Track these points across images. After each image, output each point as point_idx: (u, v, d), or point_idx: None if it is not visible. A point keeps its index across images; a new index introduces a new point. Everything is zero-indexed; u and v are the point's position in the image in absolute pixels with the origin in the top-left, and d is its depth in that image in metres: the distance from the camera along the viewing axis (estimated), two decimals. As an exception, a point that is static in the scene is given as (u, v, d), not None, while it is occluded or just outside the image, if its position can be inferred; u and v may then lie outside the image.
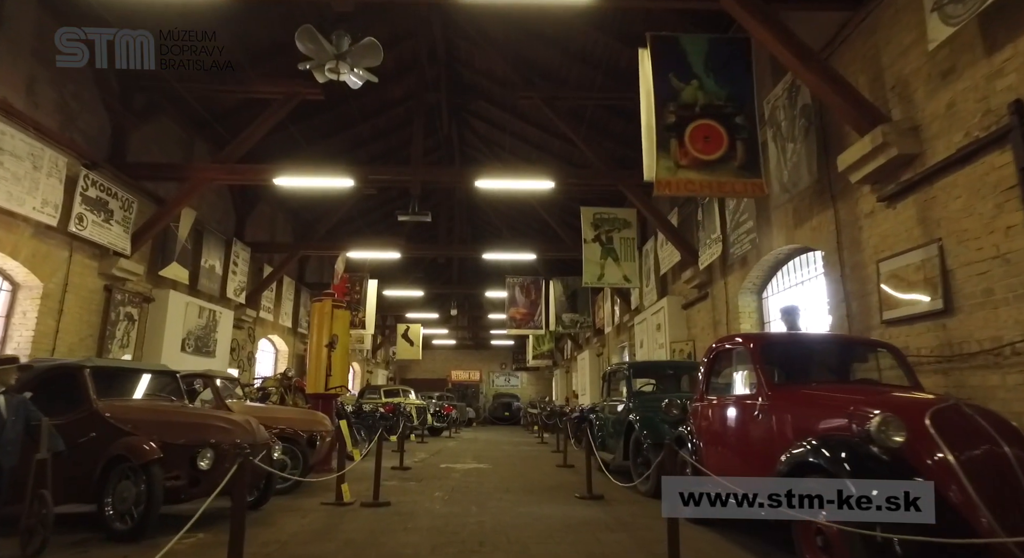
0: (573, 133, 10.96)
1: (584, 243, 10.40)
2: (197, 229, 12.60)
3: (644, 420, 6.95)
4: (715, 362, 4.97)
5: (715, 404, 4.79)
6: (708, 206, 9.41)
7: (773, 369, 4.07)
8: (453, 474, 8.86)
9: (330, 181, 10.48)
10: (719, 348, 4.90)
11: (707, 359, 5.07)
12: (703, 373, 5.12)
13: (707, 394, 4.99)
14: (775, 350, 4.32)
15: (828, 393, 3.74)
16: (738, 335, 4.78)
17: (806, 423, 3.49)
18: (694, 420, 5.25)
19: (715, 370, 4.98)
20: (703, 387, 5.07)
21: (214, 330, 12.85)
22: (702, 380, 5.10)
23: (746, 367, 4.32)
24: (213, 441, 4.68)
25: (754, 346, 4.24)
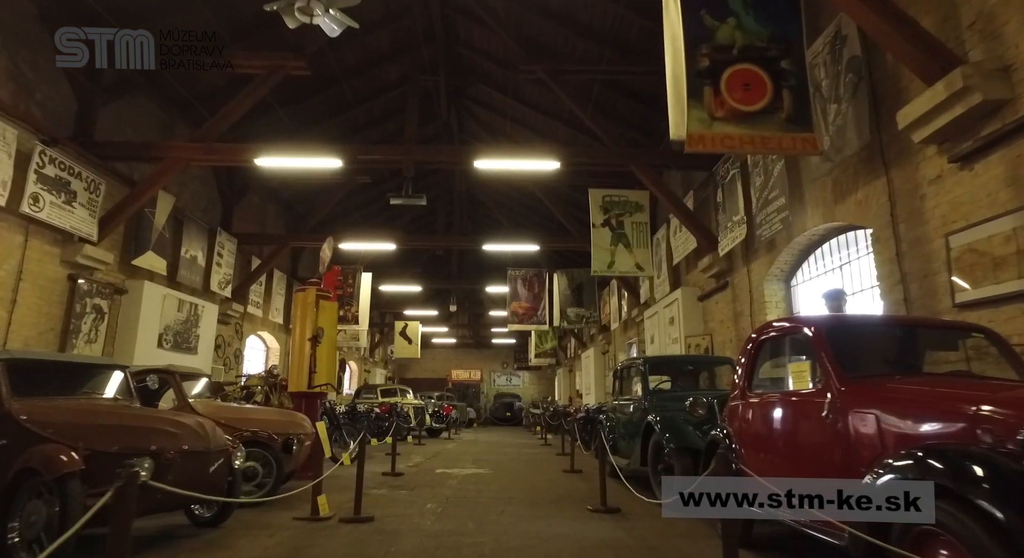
0: (580, 109, 10.12)
1: (592, 228, 9.56)
2: (177, 217, 11.79)
3: (665, 421, 6.12)
4: (759, 352, 4.14)
5: (761, 402, 3.96)
6: (730, 185, 8.58)
7: (844, 358, 3.24)
8: (449, 481, 8.04)
9: (317, 162, 9.66)
10: (765, 335, 4.08)
11: (749, 349, 4.24)
12: (743, 366, 4.28)
13: (749, 391, 4.15)
14: (846, 335, 3.49)
15: (930, 388, 2.91)
16: (793, 318, 3.93)
17: (902, 426, 2.66)
18: (731, 421, 4.41)
19: (760, 362, 4.14)
20: (743, 382, 4.23)
21: (196, 325, 12.03)
22: (742, 374, 4.27)
23: (805, 357, 3.49)
24: (154, 448, 3.86)
25: (817, 331, 3.41)
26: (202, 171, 13.29)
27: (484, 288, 21.33)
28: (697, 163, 9.96)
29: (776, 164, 7.00)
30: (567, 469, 9.34)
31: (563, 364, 28.83)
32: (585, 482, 8.08)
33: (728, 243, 8.70)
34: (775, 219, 7.09)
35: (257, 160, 9.49)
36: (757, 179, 7.58)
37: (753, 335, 4.34)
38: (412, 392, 19.92)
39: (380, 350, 30.37)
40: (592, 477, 8.63)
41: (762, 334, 4.15)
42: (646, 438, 6.47)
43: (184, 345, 11.62)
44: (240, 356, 15.08)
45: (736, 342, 9.05)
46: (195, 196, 13.00)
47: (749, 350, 4.23)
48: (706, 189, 10.28)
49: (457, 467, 9.83)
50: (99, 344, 9.30)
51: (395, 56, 13.65)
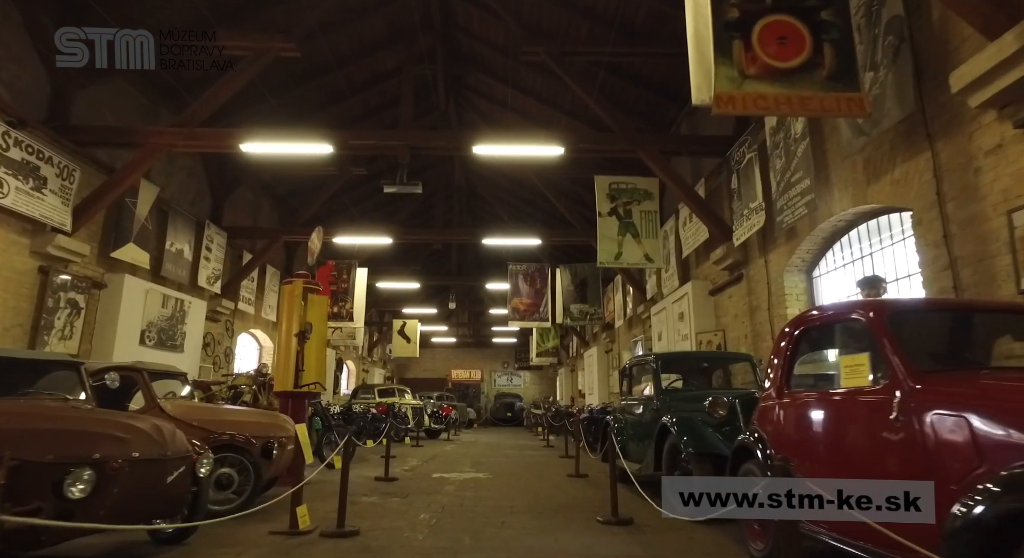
0: (585, 93, 9.57)
1: (599, 217, 9.00)
2: (161, 209, 11.26)
3: (683, 422, 5.57)
4: (799, 345, 3.59)
5: (802, 403, 3.41)
6: (746, 170, 8.02)
7: (913, 349, 2.68)
8: (446, 487, 7.48)
9: (307, 147, 9.11)
10: (807, 324, 3.53)
11: (785, 341, 3.69)
12: (779, 360, 3.73)
13: (787, 389, 3.60)
14: (914, 321, 2.94)
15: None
16: (844, 304, 3.37)
17: (1011, 436, 2.10)
18: (763, 424, 3.86)
19: (800, 356, 3.59)
20: (779, 380, 3.68)
21: (182, 322, 11.49)
22: (777, 371, 3.72)
23: (863, 347, 2.93)
24: (97, 456, 3.31)
25: (877, 316, 2.86)
26: (190, 162, 12.77)
27: (484, 285, 20.77)
28: (709, 149, 9.42)
29: (800, 144, 6.45)
30: (572, 473, 8.79)
31: (565, 364, 28.28)
32: (592, 488, 7.53)
33: (744, 232, 8.14)
34: (798, 204, 6.53)
35: (243, 146, 8.94)
36: (777, 161, 7.03)
37: (787, 328, 3.79)
38: (411, 392, 19.39)
39: (378, 349, 29.83)
40: (599, 482, 8.09)
41: (803, 323, 3.60)
42: (660, 441, 5.92)
43: (169, 343, 11.08)
44: (231, 355, 14.54)
45: (752, 338, 8.50)
46: (182, 188, 12.46)
47: (786, 342, 3.68)
48: (718, 177, 9.72)
49: (455, 471, 9.28)
50: (74, 341, 8.76)
51: (391, 43, 13.11)
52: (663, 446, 5.89)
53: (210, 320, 13.37)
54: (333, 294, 14.88)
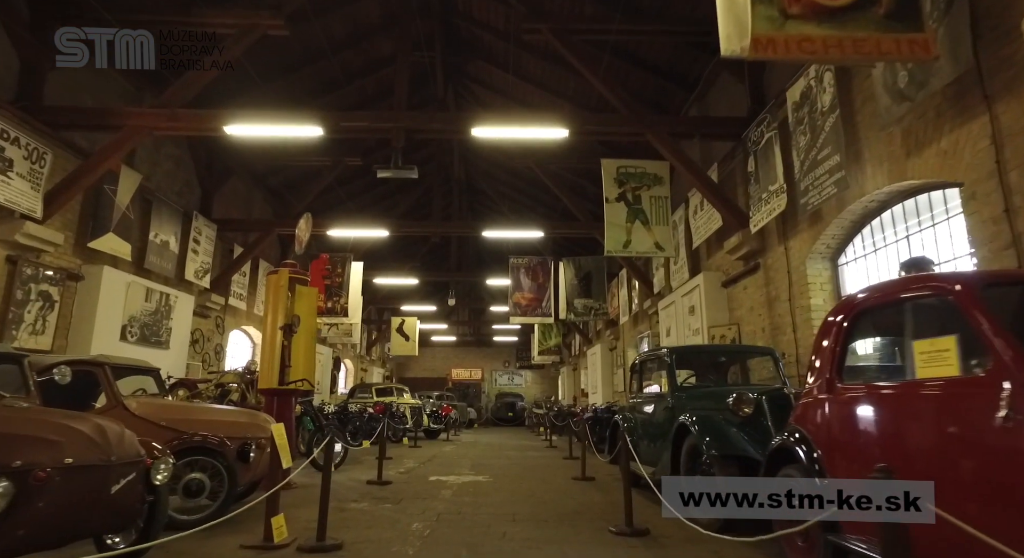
0: (589, 73, 9.02)
1: (606, 203, 8.44)
2: (145, 198, 10.72)
3: (704, 422, 5.02)
4: (854, 329, 3.05)
5: (863, 397, 2.86)
6: (765, 150, 7.47)
7: (1019, 329, 2.14)
8: (443, 491, 6.94)
9: (295, 130, 8.57)
10: (866, 305, 2.98)
11: (836, 326, 3.14)
12: (827, 350, 3.19)
13: (840, 382, 3.06)
14: (1014, 296, 2.38)
15: None
16: (918, 278, 2.81)
17: None
18: (807, 424, 3.32)
19: (855, 342, 3.05)
20: (829, 372, 3.14)
21: (167, 317, 10.95)
22: (826, 361, 3.18)
23: (947, 329, 2.38)
24: (17, 464, 2.76)
25: (967, 290, 2.31)
26: (176, 151, 12.23)
27: (484, 281, 20.22)
28: (723, 131, 8.87)
29: (828, 117, 5.90)
30: (577, 476, 8.25)
31: (567, 362, 27.73)
32: (600, 492, 6.99)
33: (762, 218, 7.59)
34: (825, 183, 5.98)
35: (228, 128, 8.40)
36: (801, 138, 6.47)
37: (838, 312, 3.24)
38: (410, 391, 18.88)
39: (377, 348, 29.32)
40: (607, 486, 7.55)
41: (859, 305, 3.05)
42: (678, 442, 5.37)
43: (153, 339, 10.54)
44: (222, 352, 14.00)
45: (770, 331, 7.95)
46: (168, 177, 11.92)
47: (837, 327, 3.13)
48: (731, 161, 9.17)
49: (453, 473, 8.74)
50: (47, 336, 8.22)
51: (387, 27, 12.56)
52: (680, 447, 5.35)
53: (199, 316, 12.84)
54: (327, 289, 14.35)
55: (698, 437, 4.89)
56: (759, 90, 8.61)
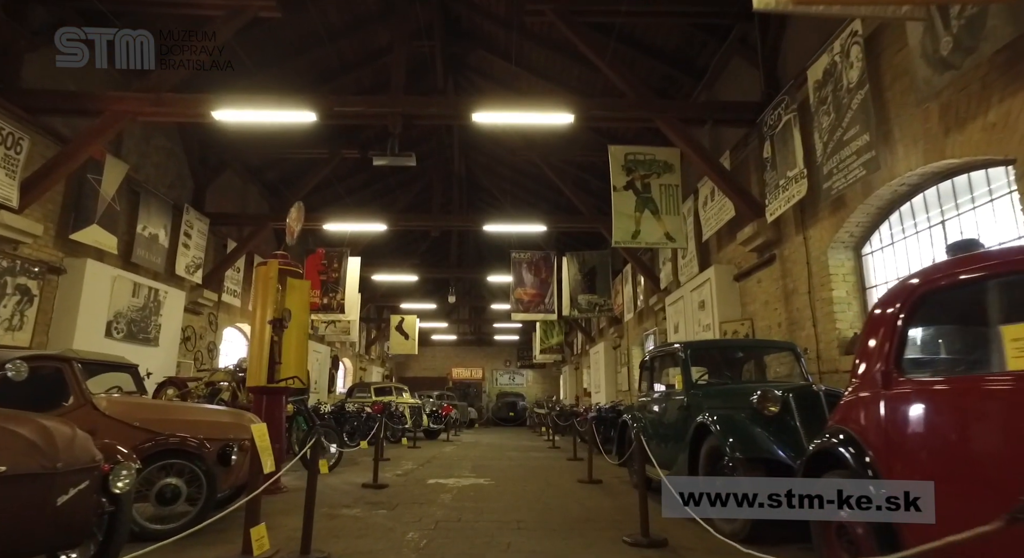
0: (595, 55, 8.61)
1: (613, 191, 8.02)
2: (133, 190, 10.32)
3: (726, 422, 4.60)
4: (915, 315, 2.63)
5: (935, 391, 2.45)
6: (783, 135, 7.06)
7: None
8: (442, 496, 6.53)
9: (287, 115, 8.16)
10: (933, 285, 2.57)
11: (894, 312, 2.73)
12: (880, 339, 2.78)
13: (899, 375, 2.64)
14: None
15: None
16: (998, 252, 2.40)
17: None
18: (853, 423, 2.91)
19: (916, 328, 2.64)
20: (885, 364, 2.72)
21: (156, 313, 10.54)
22: (879, 352, 2.76)
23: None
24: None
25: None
26: (167, 143, 11.83)
27: (485, 278, 19.80)
28: (736, 116, 8.46)
29: (855, 94, 5.48)
30: (583, 479, 7.84)
31: (569, 361, 27.32)
32: (609, 496, 6.58)
33: (779, 206, 7.17)
34: (852, 165, 5.56)
35: (216, 113, 7.99)
36: (824, 119, 6.06)
37: (895, 296, 2.83)
38: (409, 391, 18.49)
39: (376, 347, 28.93)
40: (616, 489, 7.15)
41: (920, 288, 2.64)
42: (695, 443, 4.96)
43: (141, 336, 10.14)
44: (215, 350, 13.59)
45: (787, 326, 7.54)
46: (159, 169, 11.52)
47: (893, 315, 2.72)
48: (744, 149, 8.76)
49: (453, 476, 8.33)
50: (26, 332, 7.82)
51: (385, 15, 12.15)
52: (699, 449, 4.94)
53: (191, 312, 12.44)
54: (323, 284, 13.95)
55: (720, 438, 4.48)
56: (773, 74, 8.20)
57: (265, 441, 4.08)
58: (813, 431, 4.37)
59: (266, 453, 4.03)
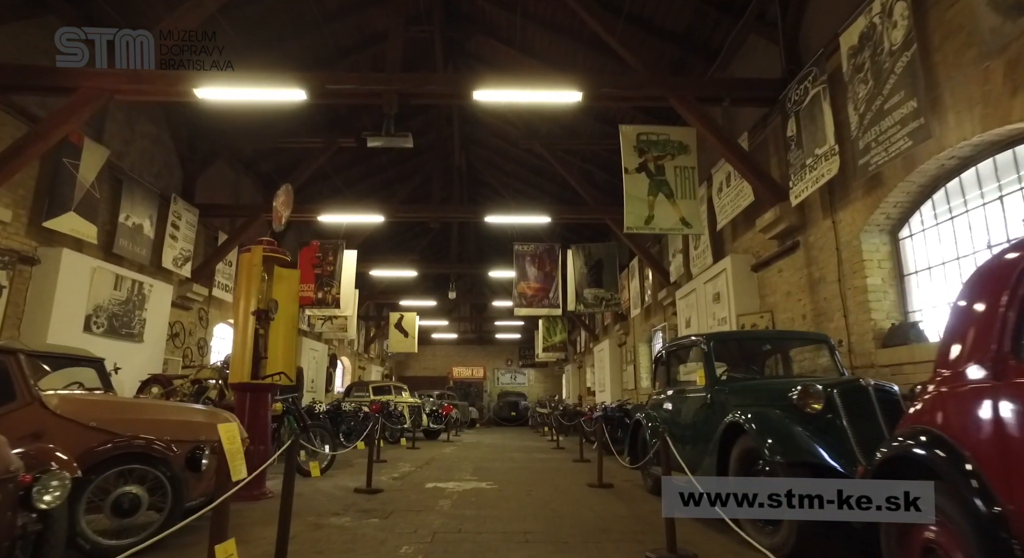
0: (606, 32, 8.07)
1: (624, 174, 7.46)
2: (116, 177, 9.79)
3: (763, 421, 4.05)
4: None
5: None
6: (809, 110, 6.51)
7: None
8: (441, 502, 5.99)
9: (275, 93, 7.61)
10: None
11: (1004, 287, 2.18)
12: (987, 318, 2.23)
13: (1018, 360, 2.10)
14: None
15: None
16: None
17: None
18: (945, 423, 2.36)
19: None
20: (997, 347, 2.17)
21: (140, 307, 10.01)
22: (991, 333, 2.21)
23: None
24: None
25: None
26: (154, 129, 11.30)
27: (487, 273, 19.23)
28: (756, 94, 7.91)
29: (899, 57, 4.93)
30: (593, 483, 7.29)
31: (572, 360, 26.77)
32: (623, 503, 6.03)
33: (806, 187, 6.62)
34: (896, 135, 5.01)
35: (198, 91, 7.45)
36: (860, 88, 5.51)
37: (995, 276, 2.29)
38: (409, 390, 17.95)
39: (375, 346, 28.40)
40: (630, 494, 6.58)
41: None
42: (725, 444, 4.41)
43: (124, 331, 9.60)
44: (205, 347, 13.06)
45: (812, 318, 6.99)
46: (145, 157, 10.98)
47: (1006, 289, 2.17)
48: (764, 129, 8.22)
49: (453, 479, 7.79)
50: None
51: (382, 0, 11.61)
52: (728, 450, 4.39)
53: (180, 307, 11.92)
54: (317, 278, 13.40)
55: (757, 439, 3.93)
56: (795, 49, 7.65)
57: (235, 443, 3.53)
58: (863, 433, 3.84)
59: (236, 457, 3.48)
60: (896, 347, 5.48)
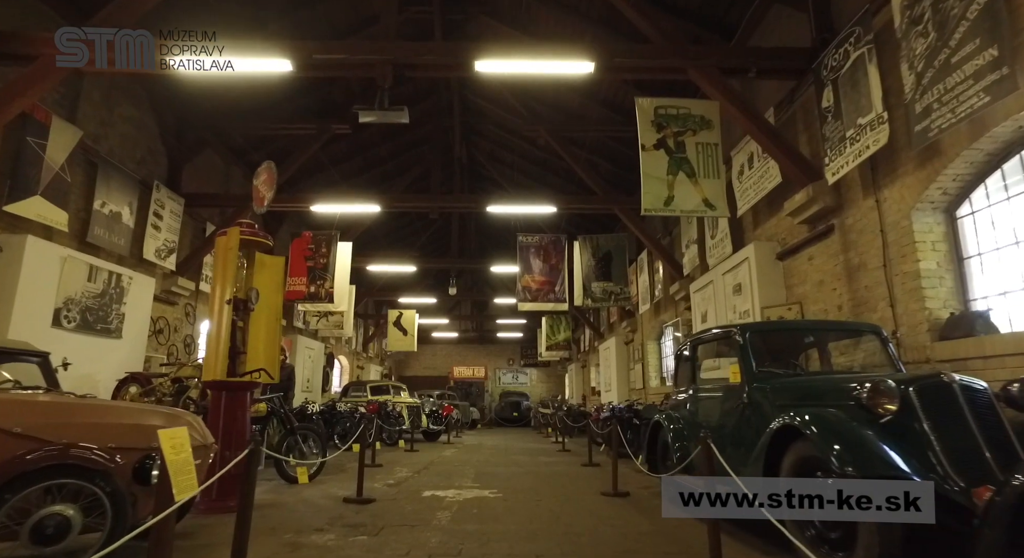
0: None
1: (642, 151, 6.76)
2: (90, 161, 9.12)
3: (823, 424, 3.36)
4: None
5: None
6: (850, 76, 5.83)
7: None
8: (439, 514, 5.31)
9: (257, 62, 6.93)
10: None
11: None
12: None
13: None
14: None
15: None
16: None
17: None
18: None
19: None
20: None
21: (118, 301, 9.33)
22: None
23: None
24: None
25: None
26: (136, 112, 10.62)
27: (489, 267, 18.55)
28: (785, 64, 7.22)
29: (972, 1, 4.25)
30: (607, 491, 6.60)
31: (576, 359, 26.08)
32: (644, 516, 5.34)
33: (846, 162, 5.94)
34: (968, 93, 4.31)
35: (173, 60, 6.75)
36: (919, 43, 4.82)
37: None
38: (407, 390, 17.29)
39: (375, 345, 27.73)
40: (650, 505, 5.80)
41: None
42: (774, 451, 3.72)
43: (100, 326, 8.93)
44: (192, 344, 12.38)
45: (850, 308, 6.31)
46: (126, 142, 10.30)
47: None
48: (792, 105, 7.55)
49: (453, 486, 7.11)
50: (-52, 317, 6.62)
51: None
52: (777, 459, 3.70)
53: (164, 302, 11.26)
54: (310, 271, 12.73)
55: (820, 446, 3.24)
56: (826, 15, 6.98)
57: (182, 453, 2.86)
58: (950, 440, 3.15)
59: (182, 470, 2.81)
60: (958, 339, 4.80)
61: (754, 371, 4.60)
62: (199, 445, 3.82)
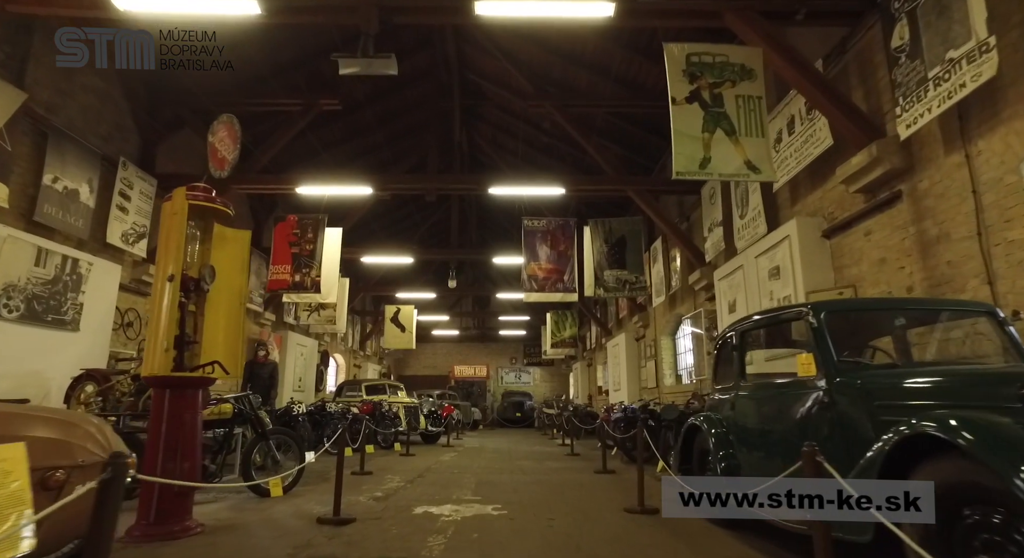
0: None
1: (671, 105, 5.65)
2: (40, 130, 8.09)
3: (987, 433, 2.31)
4: None
5: None
6: (931, 2, 4.77)
7: None
8: (430, 540, 4.25)
9: (218, 4, 5.88)
10: None
11: None
12: None
13: None
14: None
15: None
16: None
17: None
18: None
19: None
20: None
21: (75, 289, 8.31)
22: None
23: None
24: None
25: None
26: (101, 83, 9.59)
27: (491, 259, 17.50)
28: (842, 4, 6.17)
29: None
30: (633, 508, 5.53)
31: (581, 357, 25.02)
32: (683, 542, 4.27)
33: (928, 109, 4.88)
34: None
35: (118, 3, 5.73)
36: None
37: None
38: (405, 389, 16.27)
39: (372, 342, 26.72)
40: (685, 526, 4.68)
41: None
42: (894, 467, 2.66)
43: (51, 317, 7.90)
44: (168, 340, 11.32)
45: (926, 289, 5.27)
46: (88, 113, 9.27)
47: None
48: (844, 55, 6.49)
49: (450, 500, 6.06)
50: None
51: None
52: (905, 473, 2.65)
53: (134, 292, 10.23)
54: (295, 258, 11.68)
55: (991, 463, 2.19)
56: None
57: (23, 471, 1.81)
58: None
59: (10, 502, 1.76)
60: (1092, 320, 3.75)
61: (835, 361, 3.55)
62: (94, 462, 2.78)
